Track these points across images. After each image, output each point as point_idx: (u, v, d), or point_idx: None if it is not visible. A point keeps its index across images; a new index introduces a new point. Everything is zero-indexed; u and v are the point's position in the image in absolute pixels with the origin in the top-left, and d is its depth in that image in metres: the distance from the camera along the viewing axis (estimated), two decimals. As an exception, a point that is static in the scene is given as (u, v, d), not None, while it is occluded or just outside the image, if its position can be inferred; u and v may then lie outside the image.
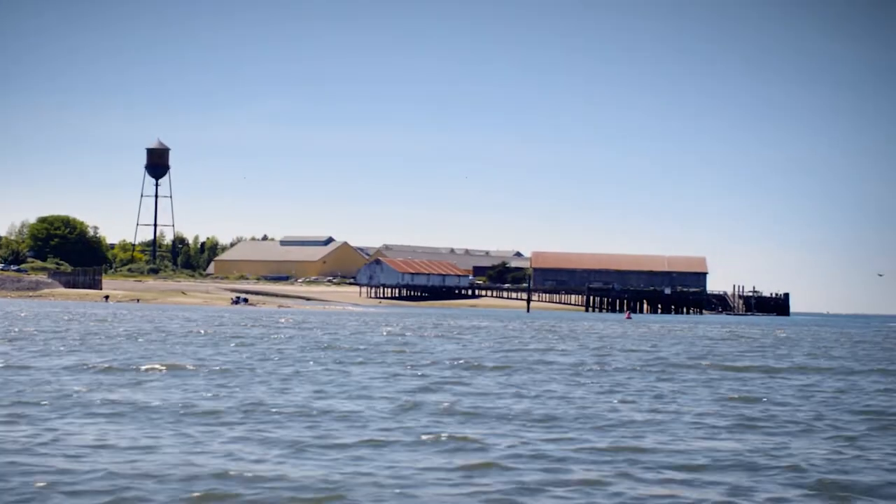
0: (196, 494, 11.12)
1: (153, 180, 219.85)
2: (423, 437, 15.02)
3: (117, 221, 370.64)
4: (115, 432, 14.82)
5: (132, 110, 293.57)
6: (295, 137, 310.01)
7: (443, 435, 15.23)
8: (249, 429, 15.45)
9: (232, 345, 37.75)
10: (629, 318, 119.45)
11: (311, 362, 29.81)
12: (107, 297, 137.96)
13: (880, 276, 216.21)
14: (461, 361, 31.42)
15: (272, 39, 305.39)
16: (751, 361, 35.82)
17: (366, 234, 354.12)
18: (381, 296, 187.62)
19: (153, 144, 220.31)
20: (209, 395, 19.94)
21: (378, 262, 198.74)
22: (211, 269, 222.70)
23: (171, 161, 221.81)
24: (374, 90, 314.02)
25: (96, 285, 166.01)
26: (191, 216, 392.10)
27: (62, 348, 32.97)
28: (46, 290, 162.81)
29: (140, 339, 39.72)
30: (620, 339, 54.42)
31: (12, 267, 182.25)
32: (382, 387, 22.58)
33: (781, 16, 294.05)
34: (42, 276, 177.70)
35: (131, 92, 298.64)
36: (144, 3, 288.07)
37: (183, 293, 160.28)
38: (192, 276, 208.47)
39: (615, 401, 20.87)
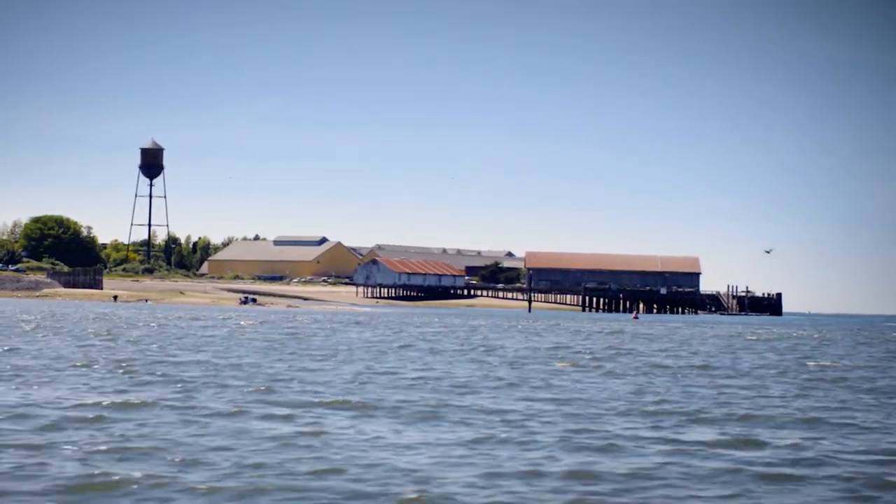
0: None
1: (147, 180, 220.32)
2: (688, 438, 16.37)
3: (109, 221, 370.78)
4: (399, 432, 16.13)
5: (126, 110, 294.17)
6: (288, 137, 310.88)
7: (686, 434, 16.61)
8: (515, 425, 16.75)
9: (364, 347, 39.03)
10: (636, 318, 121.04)
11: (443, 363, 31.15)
12: (115, 297, 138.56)
13: (767, 252, 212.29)
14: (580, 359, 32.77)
15: (266, 39, 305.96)
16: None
17: (357, 235, 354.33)
18: (378, 296, 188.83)
19: (147, 144, 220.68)
20: (410, 391, 21.19)
21: (375, 261, 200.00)
22: (204, 268, 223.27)
23: (165, 161, 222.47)
24: (367, 91, 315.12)
25: (97, 285, 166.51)
26: (183, 216, 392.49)
27: (213, 350, 34.15)
28: (47, 290, 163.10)
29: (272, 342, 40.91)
30: (704, 342, 55.60)
31: (10, 267, 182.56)
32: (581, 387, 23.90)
33: (775, 16, 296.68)
34: (41, 276, 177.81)
35: (125, 91, 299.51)
36: (139, 2, 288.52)
37: (181, 293, 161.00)
38: (187, 275, 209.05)
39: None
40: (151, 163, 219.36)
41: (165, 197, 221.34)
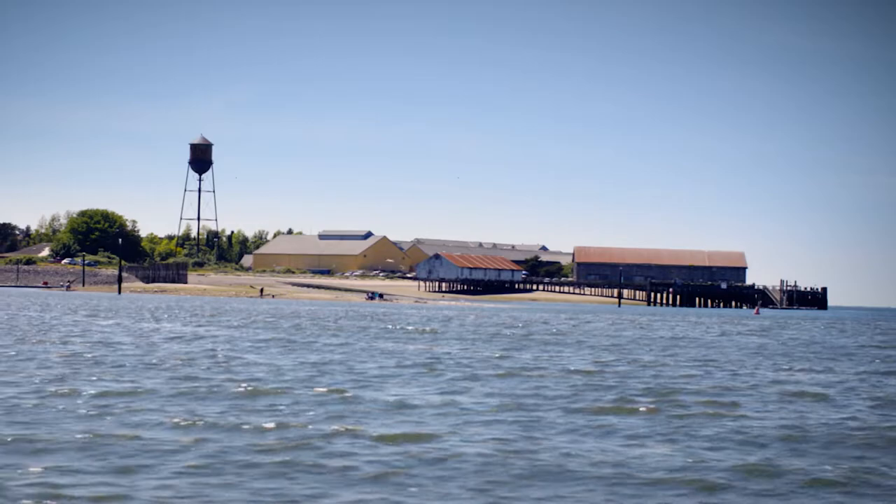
0: None
1: (196, 175, 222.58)
2: None
3: (147, 215, 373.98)
4: None
5: (174, 104, 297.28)
6: (324, 133, 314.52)
7: None
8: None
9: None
10: (758, 313, 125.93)
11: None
12: (262, 290, 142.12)
13: None
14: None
15: (311, 37, 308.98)
16: None
17: (391, 228, 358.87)
18: (440, 290, 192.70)
19: (196, 140, 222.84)
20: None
21: (437, 256, 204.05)
22: (248, 262, 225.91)
23: (214, 156, 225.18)
24: (401, 87, 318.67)
25: (182, 279, 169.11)
26: (221, 210, 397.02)
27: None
28: (127, 285, 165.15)
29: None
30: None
31: (80, 261, 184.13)
32: None
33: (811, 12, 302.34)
34: (113, 270, 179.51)
35: (173, 86, 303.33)
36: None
37: (251, 287, 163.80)
38: (238, 270, 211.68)
39: None
40: (200, 158, 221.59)
41: (214, 192, 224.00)
